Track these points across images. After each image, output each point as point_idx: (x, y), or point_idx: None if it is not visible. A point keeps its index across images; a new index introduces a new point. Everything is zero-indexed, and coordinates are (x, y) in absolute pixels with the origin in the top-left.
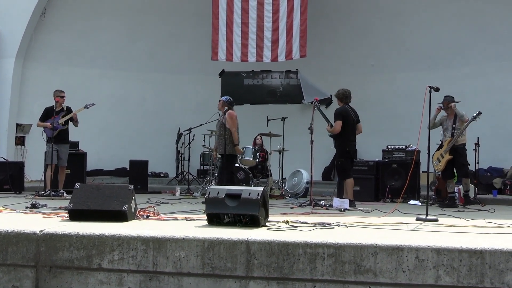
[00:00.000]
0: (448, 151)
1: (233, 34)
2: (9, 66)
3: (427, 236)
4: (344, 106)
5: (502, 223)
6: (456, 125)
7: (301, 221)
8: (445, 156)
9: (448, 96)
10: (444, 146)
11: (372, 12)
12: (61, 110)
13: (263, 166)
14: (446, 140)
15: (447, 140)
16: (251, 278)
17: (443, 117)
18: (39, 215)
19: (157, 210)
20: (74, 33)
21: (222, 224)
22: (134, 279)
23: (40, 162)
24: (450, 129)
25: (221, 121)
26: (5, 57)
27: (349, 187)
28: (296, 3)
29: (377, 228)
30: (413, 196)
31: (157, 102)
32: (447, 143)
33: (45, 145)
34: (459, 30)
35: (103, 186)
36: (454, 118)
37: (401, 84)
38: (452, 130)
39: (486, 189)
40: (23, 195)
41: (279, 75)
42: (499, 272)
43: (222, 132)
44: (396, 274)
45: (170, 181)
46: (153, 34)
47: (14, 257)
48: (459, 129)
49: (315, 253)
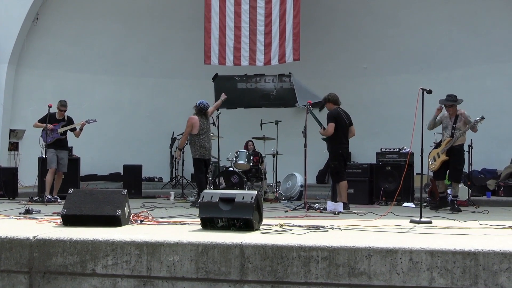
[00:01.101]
0: (445, 151)
1: (225, 37)
2: (2, 72)
3: (421, 238)
4: (336, 109)
5: (495, 224)
6: (457, 125)
7: (295, 224)
8: (441, 156)
9: (450, 95)
10: (442, 146)
11: (365, 15)
12: (62, 119)
13: (257, 170)
14: (445, 140)
15: (446, 140)
16: (245, 282)
17: (444, 115)
18: (32, 220)
19: (151, 214)
20: (67, 38)
21: (216, 228)
22: (128, 284)
23: (34, 167)
24: (450, 128)
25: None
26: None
27: (343, 190)
28: (289, 7)
29: (371, 230)
30: (407, 198)
31: (151, 106)
32: (446, 143)
33: (41, 151)
34: (452, 32)
35: (97, 191)
36: (456, 117)
37: (394, 86)
38: (452, 130)
39: (479, 191)
40: (16, 200)
41: (273, 78)
42: (492, 274)
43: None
44: (390, 277)
45: (164, 185)
46: (146, 39)
47: (7, 263)
48: (459, 130)
49: (309, 256)
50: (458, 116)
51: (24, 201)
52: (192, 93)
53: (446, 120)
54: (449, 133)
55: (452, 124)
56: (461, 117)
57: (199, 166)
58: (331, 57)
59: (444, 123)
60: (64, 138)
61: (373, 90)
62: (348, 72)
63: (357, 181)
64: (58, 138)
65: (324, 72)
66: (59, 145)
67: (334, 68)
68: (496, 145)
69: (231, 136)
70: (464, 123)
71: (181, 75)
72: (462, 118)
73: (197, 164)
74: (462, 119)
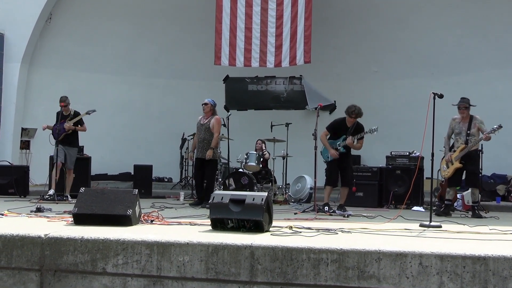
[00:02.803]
0: (458, 159)
1: (236, 39)
2: (14, 71)
3: (430, 242)
4: (341, 118)
5: (505, 230)
6: (471, 131)
7: (304, 226)
8: (455, 164)
9: (464, 98)
10: (456, 153)
11: (376, 18)
12: (68, 114)
13: (266, 172)
14: (459, 147)
15: (461, 147)
16: (254, 283)
17: (455, 121)
18: (44, 219)
19: (161, 214)
20: (79, 38)
21: (226, 229)
22: (138, 284)
23: (45, 166)
24: (464, 134)
25: (206, 125)
26: (10, 62)
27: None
28: (300, 9)
29: (381, 234)
30: (416, 202)
31: (161, 107)
32: (460, 150)
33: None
34: (463, 37)
35: (108, 191)
36: (469, 122)
37: (404, 90)
38: (467, 136)
39: (489, 196)
40: (27, 199)
41: (283, 81)
42: (502, 279)
43: (208, 136)
44: (399, 280)
45: (174, 186)
46: (157, 40)
47: (19, 261)
48: (473, 136)
49: (319, 258)
50: (471, 122)
51: (35, 199)
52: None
53: (459, 126)
54: (463, 139)
55: (466, 130)
56: (475, 124)
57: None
58: (341, 60)
59: (457, 129)
60: (72, 134)
61: (383, 94)
62: (358, 75)
63: (366, 184)
64: (66, 134)
65: (334, 75)
66: (67, 142)
67: (344, 71)
68: (507, 150)
69: (241, 137)
70: (478, 130)
71: (192, 76)
72: (476, 125)
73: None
74: (476, 125)
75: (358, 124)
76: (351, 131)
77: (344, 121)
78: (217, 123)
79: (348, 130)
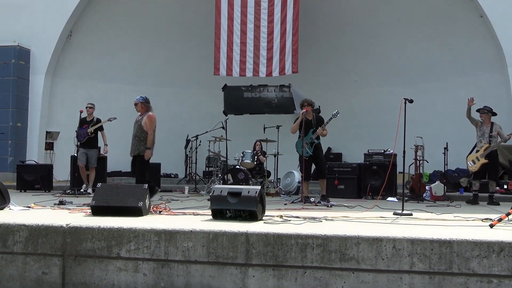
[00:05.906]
0: (484, 156)
1: (233, 52)
2: (40, 82)
3: (402, 228)
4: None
5: (467, 217)
6: (493, 133)
7: (293, 215)
8: (481, 160)
9: (487, 107)
10: (480, 151)
11: (355, 34)
12: (91, 120)
13: (260, 168)
14: (483, 147)
15: (485, 146)
16: (250, 265)
17: (479, 122)
18: (65, 210)
19: (168, 206)
20: (97, 52)
21: (225, 218)
22: (148, 266)
23: (67, 164)
24: (487, 136)
25: (139, 122)
26: (36, 74)
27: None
28: (289, 26)
29: (360, 221)
30: (390, 193)
31: (168, 112)
32: (484, 149)
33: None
34: (430, 49)
35: (122, 186)
36: (491, 126)
37: (380, 96)
38: (490, 138)
39: (454, 188)
40: (51, 193)
41: (274, 88)
42: (465, 260)
43: (139, 133)
44: (376, 262)
45: (180, 181)
46: (165, 53)
47: (43, 247)
48: (495, 137)
49: (306, 243)
50: (493, 126)
51: (58, 193)
52: (205, 101)
53: (482, 128)
54: (486, 140)
55: (489, 132)
56: (495, 128)
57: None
58: (325, 70)
59: (481, 130)
60: (94, 137)
61: (362, 100)
62: (339, 84)
63: (347, 178)
64: (88, 137)
65: (319, 84)
66: (89, 144)
67: (327, 80)
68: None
69: (238, 138)
70: (498, 133)
71: (194, 85)
72: (497, 129)
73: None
74: (497, 130)
75: (318, 117)
76: (315, 123)
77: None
78: (149, 120)
79: (313, 123)
